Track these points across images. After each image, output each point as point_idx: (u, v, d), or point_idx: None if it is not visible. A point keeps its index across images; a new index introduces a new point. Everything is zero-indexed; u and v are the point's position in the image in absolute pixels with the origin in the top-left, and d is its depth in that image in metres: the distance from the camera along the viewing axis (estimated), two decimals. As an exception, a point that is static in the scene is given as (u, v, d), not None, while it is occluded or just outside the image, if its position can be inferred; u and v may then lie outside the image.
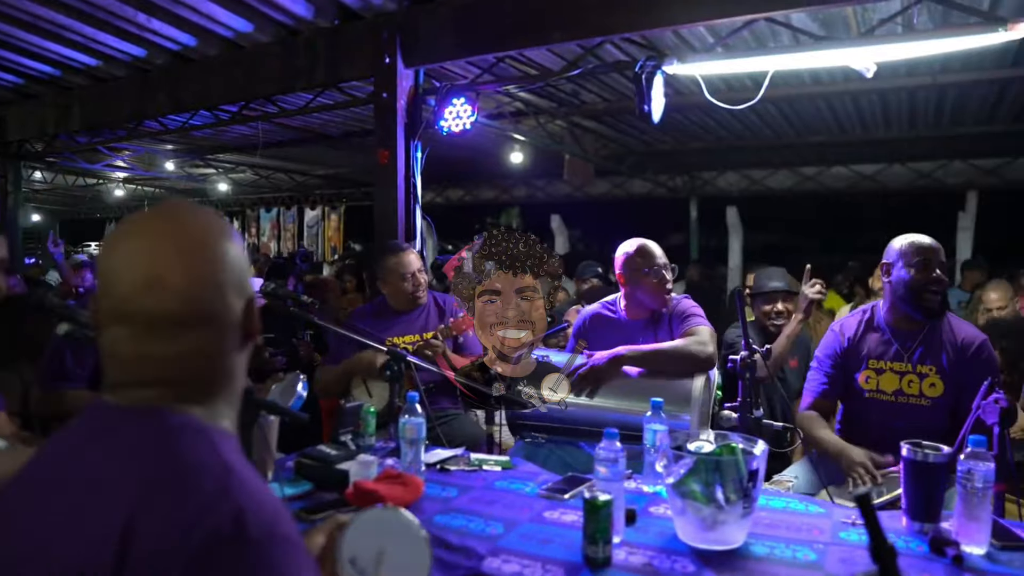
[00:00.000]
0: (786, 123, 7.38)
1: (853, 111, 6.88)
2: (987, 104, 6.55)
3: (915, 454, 1.92)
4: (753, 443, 1.98)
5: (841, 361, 2.98)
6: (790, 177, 10.44)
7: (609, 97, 6.24)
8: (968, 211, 9.71)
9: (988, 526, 1.80)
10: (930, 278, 2.76)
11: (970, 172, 9.52)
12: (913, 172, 9.79)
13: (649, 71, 3.76)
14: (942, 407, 2.78)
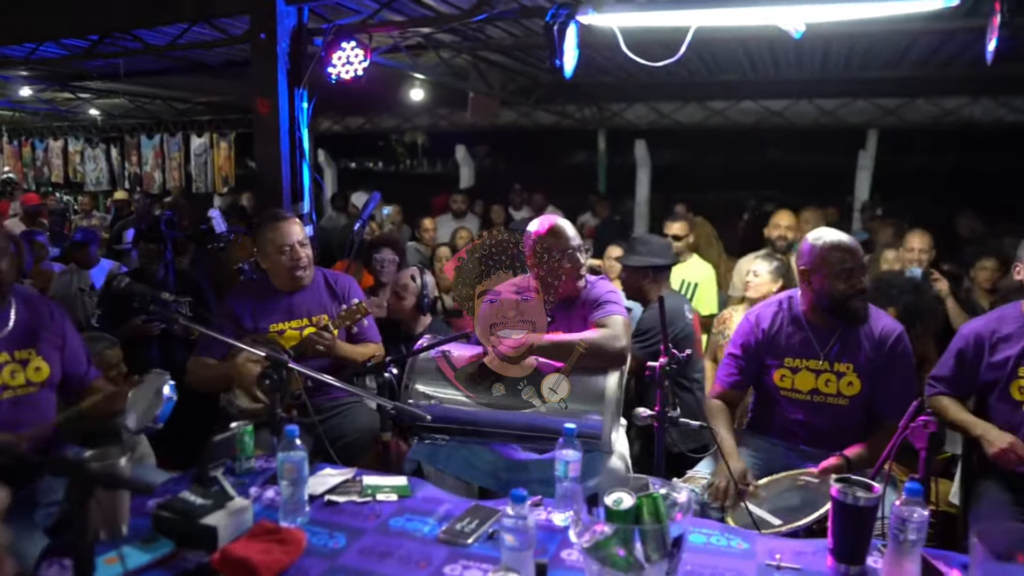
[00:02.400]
0: (701, 63, 7.13)
1: (768, 53, 6.69)
2: (897, 51, 6.48)
3: (845, 496, 1.79)
4: (676, 489, 1.77)
5: (755, 353, 2.86)
6: (699, 111, 10.26)
7: (518, 32, 5.79)
8: (868, 149, 9.84)
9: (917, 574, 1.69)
10: (856, 289, 2.65)
11: (872, 111, 9.57)
12: (818, 109, 9.78)
13: (562, 21, 3.37)
14: (859, 404, 2.72)
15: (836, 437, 2.67)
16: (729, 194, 10.57)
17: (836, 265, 2.64)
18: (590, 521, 1.66)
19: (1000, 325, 2.74)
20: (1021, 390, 2.64)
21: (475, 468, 2.78)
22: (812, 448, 2.70)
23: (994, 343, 2.72)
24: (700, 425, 2.41)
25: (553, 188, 9.73)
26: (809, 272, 2.71)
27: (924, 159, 10.66)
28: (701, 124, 10.32)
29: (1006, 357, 2.68)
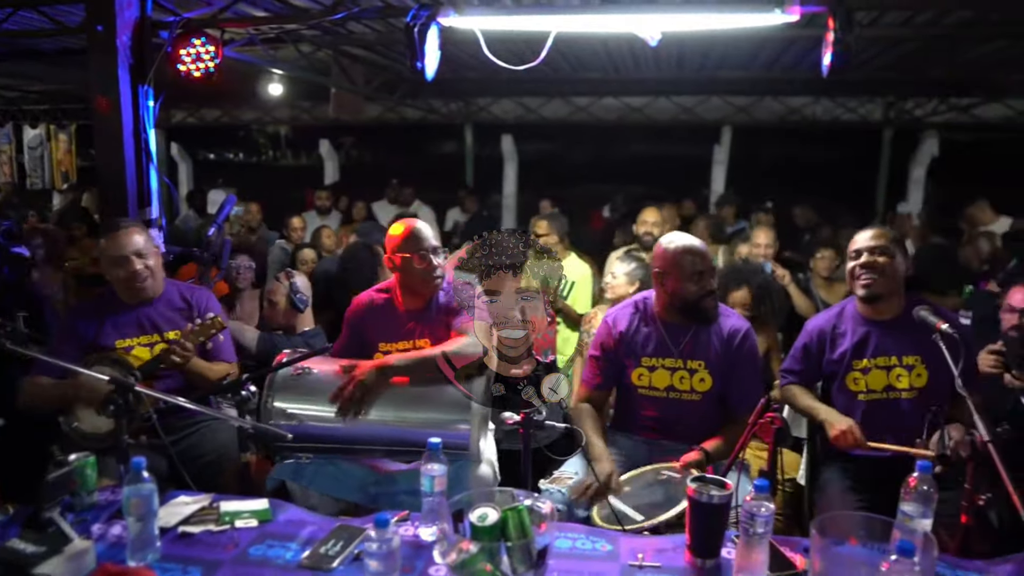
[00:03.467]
0: (564, 62, 7.25)
1: (628, 54, 6.88)
2: (747, 55, 6.83)
3: (700, 495, 1.87)
4: (541, 500, 1.80)
5: (614, 354, 2.95)
6: (564, 107, 10.49)
7: (381, 28, 5.67)
8: (723, 144, 10.36)
9: (765, 563, 1.79)
10: (705, 290, 2.78)
11: (726, 108, 10.12)
12: (677, 106, 10.22)
13: (423, 23, 3.32)
14: (712, 399, 2.85)
15: (693, 431, 2.78)
16: (594, 188, 10.82)
17: (688, 268, 2.76)
18: (455, 539, 1.65)
19: (839, 321, 2.93)
20: (855, 381, 2.83)
21: (342, 484, 2.71)
22: (672, 443, 2.80)
23: (833, 338, 2.91)
24: (566, 428, 2.44)
25: (421, 182, 9.66)
26: (662, 274, 2.82)
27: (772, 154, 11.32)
28: (566, 119, 10.55)
29: (843, 351, 2.86)
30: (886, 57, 6.82)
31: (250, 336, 3.86)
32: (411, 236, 2.87)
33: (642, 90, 9.65)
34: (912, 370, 2.74)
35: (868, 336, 2.83)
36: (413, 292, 2.94)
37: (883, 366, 2.79)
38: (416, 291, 2.93)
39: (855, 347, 2.84)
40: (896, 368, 2.77)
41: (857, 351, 2.83)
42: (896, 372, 2.77)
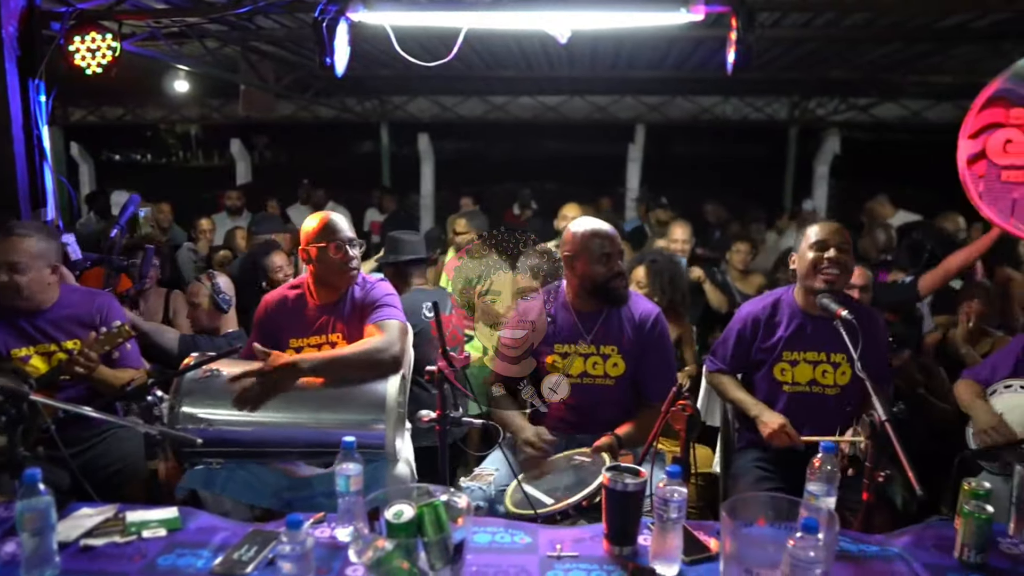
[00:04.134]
0: (477, 57, 7.24)
1: (541, 52, 6.93)
2: (657, 53, 6.98)
3: (615, 483, 1.89)
4: (457, 494, 1.78)
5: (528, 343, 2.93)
6: (480, 105, 10.50)
7: (290, 24, 5.54)
8: (637, 142, 10.56)
9: (679, 548, 1.84)
10: (614, 271, 2.81)
11: (639, 107, 10.32)
12: (591, 105, 10.37)
13: (331, 18, 3.26)
14: (624, 384, 2.88)
15: (607, 417, 2.81)
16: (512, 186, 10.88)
17: (596, 250, 2.78)
18: (370, 537, 1.63)
19: (775, 310, 2.97)
20: (783, 372, 2.90)
21: (256, 489, 2.63)
22: (586, 435, 2.81)
23: (768, 326, 2.95)
24: (484, 424, 2.44)
25: (338, 182, 9.50)
26: (572, 258, 2.84)
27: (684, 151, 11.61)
28: (483, 118, 10.57)
29: (776, 341, 2.92)
30: (789, 58, 7.08)
31: (171, 337, 3.71)
32: (326, 227, 2.84)
33: (557, 89, 9.76)
34: (838, 368, 2.82)
35: (803, 328, 2.87)
36: (327, 285, 2.89)
37: (812, 360, 2.86)
38: (330, 283, 2.88)
39: (788, 338, 2.89)
40: (823, 364, 2.84)
41: (790, 342, 2.89)
42: (823, 368, 2.84)
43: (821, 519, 1.56)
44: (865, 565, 1.90)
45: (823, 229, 2.83)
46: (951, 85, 7.80)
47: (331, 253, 2.81)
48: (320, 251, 2.82)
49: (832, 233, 2.80)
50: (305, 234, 2.88)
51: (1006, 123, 3.58)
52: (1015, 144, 3.58)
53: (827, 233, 2.81)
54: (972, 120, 3.67)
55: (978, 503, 1.91)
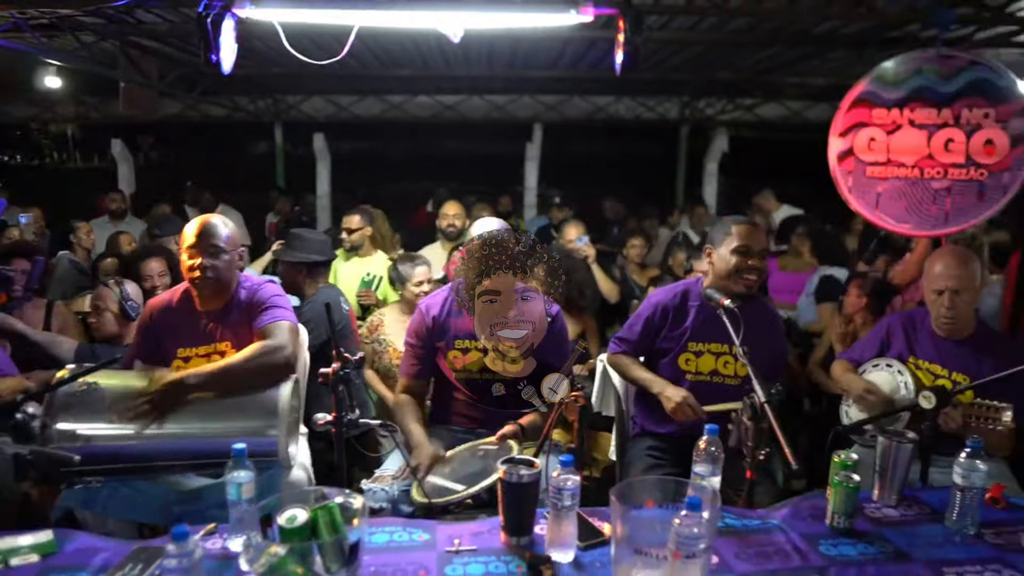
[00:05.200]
0: (373, 56, 7.16)
1: (437, 50, 6.92)
2: (553, 53, 7.09)
3: (510, 475, 1.92)
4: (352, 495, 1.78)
5: (429, 341, 2.95)
6: (377, 104, 10.39)
7: (173, 19, 5.33)
8: (535, 141, 10.68)
9: (575, 534, 1.89)
10: None
11: (536, 106, 10.45)
12: (489, 104, 10.43)
13: (216, 13, 3.17)
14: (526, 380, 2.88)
15: (508, 414, 2.85)
16: (412, 185, 10.83)
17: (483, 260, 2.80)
18: (263, 545, 1.60)
19: (684, 300, 3.07)
20: (687, 361, 3.00)
21: (141, 506, 2.53)
22: (488, 430, 2.84)
23: (676, 315, 3.05)
24: (380, 423, 2.43)
25: (230, 184, 9.20)
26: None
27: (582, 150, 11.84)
28: (380, 117, 10.45)
29: (683, 330, 3.02)
30: (678, 59, 7.33)
31: (67, 348, 3.50)
32: (202, 232, 2.75)
33: (454, 88, 9.76)
34: (739, 359, 2.91)
35: (709, 321, 2.94)
36: (199, 292, 2.81)
37: (716, 352, 2.97)
38: (207, 290, 2.80)
39: (695, 329, 2.99)
40: (726, 355, 2.96)
41: (696, 333, 2.99)
42: (724, 359, 2.96)
43: (705, 498, 1.64)
44: (747, 538, 2.01)
45: (748, 235, 2.92)
46: (826, 87, 8.26)
47: (185, 260, 2.74)
48: (185, 257, 2.75)
49: (756, 240, 2.92)
50: (183, 240, 2.81)
51: (870, 122, 3.85)
52: (878, 142, 3.84)
53: (751, 239, 2.91)
54: (840, 119, 3.92)
55: (846, 473, 2.05)
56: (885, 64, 3.86)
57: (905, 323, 3.14)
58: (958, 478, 2.07)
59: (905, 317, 3.18)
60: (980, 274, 2.92)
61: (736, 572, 1.84)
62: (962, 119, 3.70)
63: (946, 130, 3.73)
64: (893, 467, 2.24)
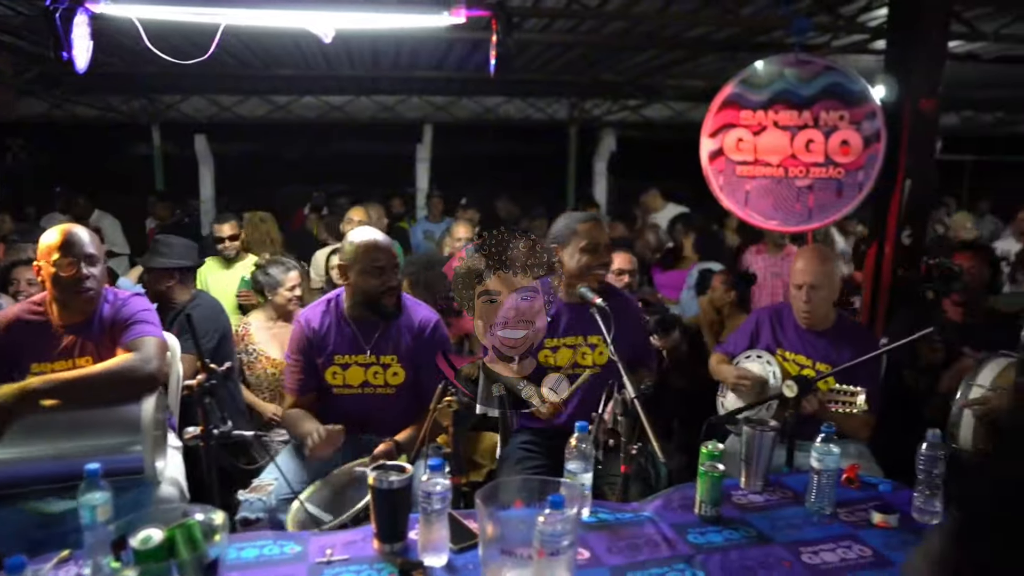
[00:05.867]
0: (251, 54, 6.94)
1: (319, 50, 6.78)
2: (438, 54, 7.07)
3: (380, 482, 1.90)
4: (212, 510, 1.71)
5: (310, 355, 2.89)
6: (262, 105, 10.08)
7: (26, 11, 5.00)
8: (425, 143, 10.63)
9: (447, 537, 1.89)
10: (386, 285, 2.81)
11: (425, 107, 10.39)
12: (377, 105, 10.30)
13: (67, 8, 2.99)
14: (405, 392, 2.89)
15: (389, 425, 2.82)
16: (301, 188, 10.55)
17: (369, 263, 2.77)
18: (109, 571, 1.52)
19: None
20: (546, 358, 3.03)
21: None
22: (370, 437, 2.81)
23: None
24: (255, 435, 2.36)
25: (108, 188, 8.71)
26: (347, 268, 2.82)
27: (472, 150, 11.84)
28: (265, 118, 10.16)
29: None
30: (562, 61, 7.45)
31: None
32: (62, 242, 2.59)
33: (340, 88, 9.59)
34: (595, 348, 2.99)
35: (559, 316, 3.02)
36: (65, 305, 2.65)
37: (571, 345, 3.02)
38: (66, 304, 2.65)
39: (549, 326, 3.00)
40: (582, 347, 3.01)
41: (550, 330, 3.01)
42: (582, 350, 3.01)
43: (571, 495, 1.66)
44: (619, 531, 2.05)
45: (593, 232, 2.97)
46: (704, 89, 8.56)
47: (62, 272, 2.58)
48: (52, 268, 2.59)
49: (601, 235, 2.97)
50: (41, 250, 2.64)
51: (738, 124, 4.01)
52: (746, 142, 4.01)
53: (597, 236, 2.96)
54: (710, 121, 4.08)
55: (711, 463, 2.13)
56: (750, 68, 4.04)
57: (772, 316, 3.30)
58: (814, 462, 2.19)
59: (773, 311, 3.34)
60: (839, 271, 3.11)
61: (607, 566, 1.88)
62: (820, 121, 3.92)
63: (807, 131, 3.94)
64: (757, 454, 2.34)
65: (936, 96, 3.91)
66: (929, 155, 4.03)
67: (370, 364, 2.86)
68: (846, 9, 4.80)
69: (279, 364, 3.70)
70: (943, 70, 3.96)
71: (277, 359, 3.73)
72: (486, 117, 10.66)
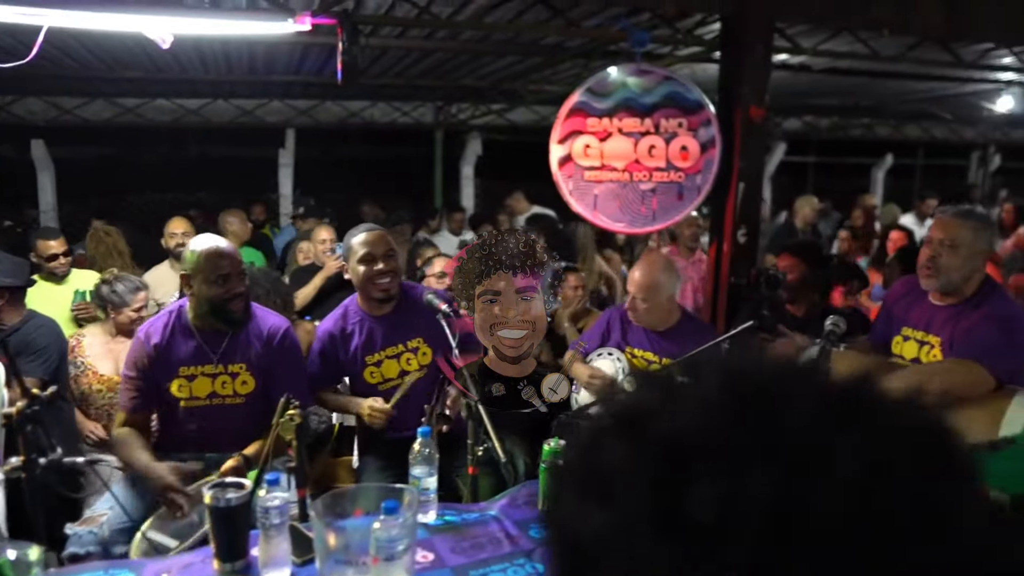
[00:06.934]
0: (92, 56, 6.56)
1: (169, 53, 6.46)
2: (295, 58, 6.94)
3: (217, 500, 1.87)
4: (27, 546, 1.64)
5: (150, 370, 2.79)
6: (108, 108, 9.50)
7: None
8: (288, 148, 10.37)
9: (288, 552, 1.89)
10: (232, 293, 2.75)
11: (287, 111, 10.13)
12: (237, 108, 9.95)
13: None
14: (255, 401, 2.84)
15: (240, 437, 2.76)
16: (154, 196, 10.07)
17: (212, 272, 2.70)
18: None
19: (345, 322, 3.12)
20: (372, 375, 3.07)
21: None
22: (220, 454, 2.75)
23: (343, 339, 3.10)
24: (87, 461, 2.26)
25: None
26: (190, 277, 2.74)
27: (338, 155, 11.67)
28: (112, 122, 9.58)
29: (354, 349, 3.08)
30: (423, 66, 7.48)
31: None
32: None
33: (195, 92, 9.19)
34: (418, 351, 3.05)
35: (373, 331, 3.06)
36: None
37: (393, 355, 3.06)
38: None
39: (363, 344, 3.07)
40: (406, 353, 3.06)
41: (366, 347, 3.06)
42: (406, 356, 3.06)
43: (408, 500, 1.70)
44: (464, 532, 2.11)
45: (369, 243, 3.01)
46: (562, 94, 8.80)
47: None
48: None
49: (377, 244, 3.01)
50: None
51: (585, 130, 4.18)
52: (593, 148, 4.19)
53: (373, 245, 3.00)
54: (559, 128, 4.22)
55: (552, 459, 2.22)
56: (594, 77, 4.23)
57: (622, 316, 3.46)
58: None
59: (622, 311, 3.51)
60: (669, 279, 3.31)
61: (450, 566, 1.93)
62: (661, 128, 4.15)
63: (649, 137, 4.16)
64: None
65: (764, 105, 4.22)
66: (760, 159, 4.34)
67: (218, 374, 2.79)
68: (683, 24, 5.09)
69: (108, 381, 3.54)
70: (769, 81, 4.28)
71: (107, 376, 3.55)
72: (351, 121, 10.52)
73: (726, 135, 4.15)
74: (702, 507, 0.41)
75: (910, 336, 2.86)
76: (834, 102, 9.99)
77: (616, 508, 0.44)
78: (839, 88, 8.37)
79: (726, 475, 0.42)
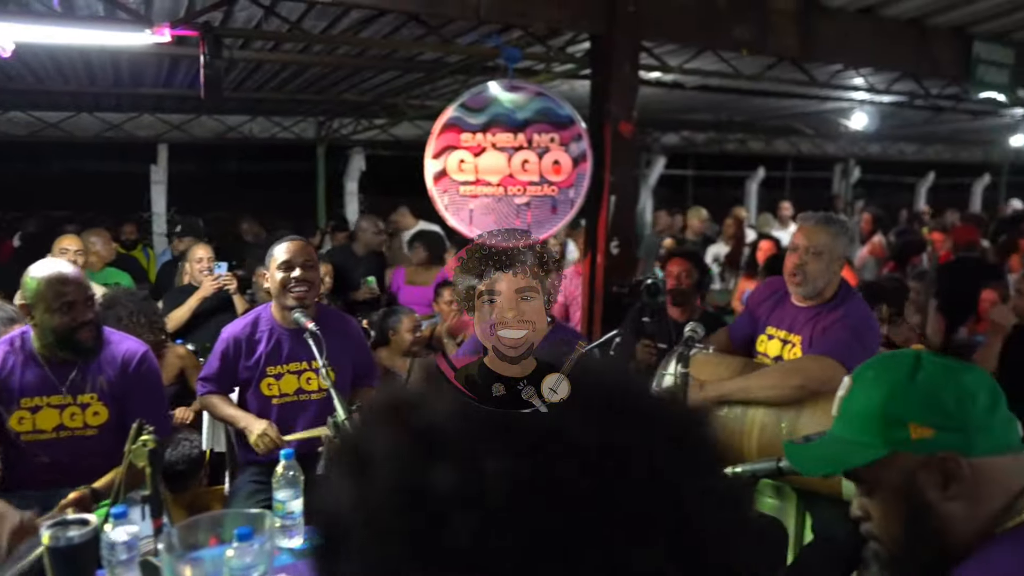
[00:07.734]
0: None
1: (20, 62, 6.10)
2: (163, 71, 6.70)
3: (57, 540, 1.75)
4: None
5: None
6: (-49, 119, 8.84)
7: None
8: (160, 164, 9.91)
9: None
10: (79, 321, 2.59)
11: (160, 126, 9.70)
12: (103, 122, 9.45)
13: None
14: (109, 432, 2.68)
15: (94, 471, 2.60)
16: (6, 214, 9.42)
17: (55, 300, 2.55)
18: None
19: (255, 329, 3.03)
20: (269, 387, 2.99)
21: None
22: (72, 488, 2.58)
23: (249, 345, 3.01)
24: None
25: None
26: (31, 307, 2.57)
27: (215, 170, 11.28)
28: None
29: (258, 357, 2.99)
30: (302, 80, 7.35)
31: None
32: None
33: (53, 104, 8.65)
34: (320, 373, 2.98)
35: (281, 342, 2.99)
36: None
37: (295, 371, 2.99)
38: None
39: (269, 354, 2.99)
40: (307, 372, 2.99)
41: (271, 358, 2.99)
42: (307, 375, 2.99)
43: (264, 526, 1.66)
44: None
45: (289, 251, 2.96)
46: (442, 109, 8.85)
47: None
48: None
49: (297, 253, 2.96)
50: None
51: (459, 146, 4.21)
52: (467, 163, 4.22)
53: (292, 253, 2.95)
54: (433, 143, 4.24)
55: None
56: (466, 93, 4.27)
57: None
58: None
59: None
60: None
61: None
62: (534, 143, 4.23)
63: (522, 152, 4.23)
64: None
65: (633, 121, 4.37)
66: (631, 173, 4.49)
67: (66, 405, 2.62)
68: (554, 42, 5.21)
69: None
70: (637, 98, 4.44)
71: None
72: (229, 136, 10.19)
73: (597, 150, 4.28)
74: (443, 481, 0.45)
75: (774, 335, 3.04)
76: (709, 117, 10.46)
77: (367, 483, 0.48)
78: (711, 104, 8.78)
79: (469, 456, 0.46)
